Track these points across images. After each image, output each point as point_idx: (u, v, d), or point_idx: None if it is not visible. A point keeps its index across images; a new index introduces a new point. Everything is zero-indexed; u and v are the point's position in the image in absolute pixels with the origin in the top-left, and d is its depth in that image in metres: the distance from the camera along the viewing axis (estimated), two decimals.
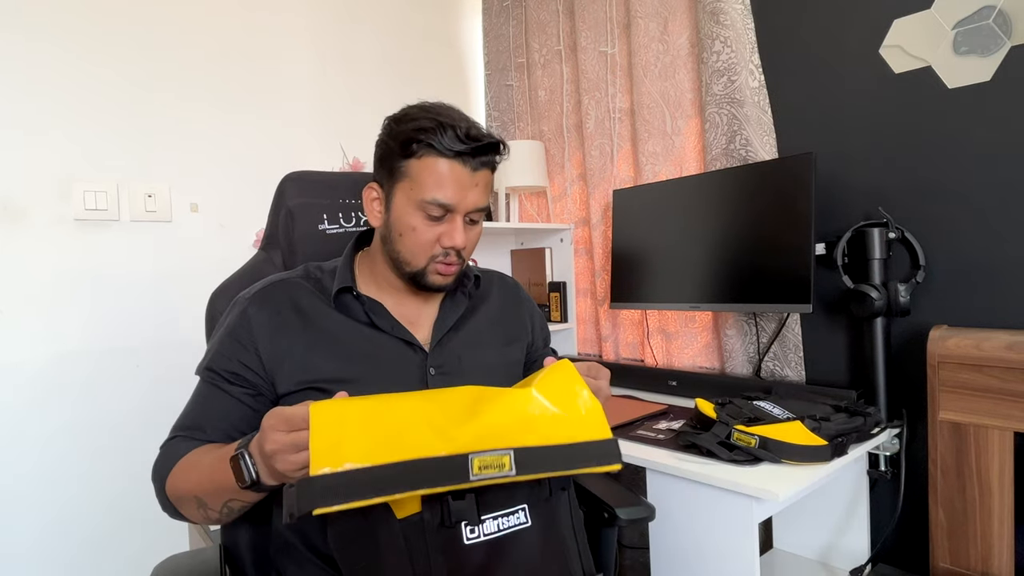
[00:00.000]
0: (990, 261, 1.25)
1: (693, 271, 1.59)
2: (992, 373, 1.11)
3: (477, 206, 0.83)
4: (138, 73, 1.59)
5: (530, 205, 2.30)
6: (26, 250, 1.44)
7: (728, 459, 1.09)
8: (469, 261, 0.96)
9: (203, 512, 0.74)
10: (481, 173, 0.82)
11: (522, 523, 0.69)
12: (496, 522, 0.68)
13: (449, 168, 0.79)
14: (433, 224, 0.82)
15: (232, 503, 0.72)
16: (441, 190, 0.79)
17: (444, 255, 0.83)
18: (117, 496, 1.54)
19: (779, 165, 1.43)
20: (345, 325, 0.85)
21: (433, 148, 0.79)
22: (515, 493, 0.70)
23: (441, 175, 0.79)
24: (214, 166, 1.72)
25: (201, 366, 0.84)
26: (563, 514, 0.74)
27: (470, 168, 0.81)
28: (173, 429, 0.83)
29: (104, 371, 1.54)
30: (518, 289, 1.05)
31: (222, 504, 0.72)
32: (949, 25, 1.28)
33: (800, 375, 1.52)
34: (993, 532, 1.12)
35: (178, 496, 0.76)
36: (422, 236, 0.82)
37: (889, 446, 1.32)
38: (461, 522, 0.67)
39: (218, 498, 0.72)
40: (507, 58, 2.29)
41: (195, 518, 0.77)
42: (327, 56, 1.96)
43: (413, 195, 0.81)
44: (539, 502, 0.71)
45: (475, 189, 0.82)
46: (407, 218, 0.82)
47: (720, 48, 1.59)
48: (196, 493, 0.74)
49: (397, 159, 0.82)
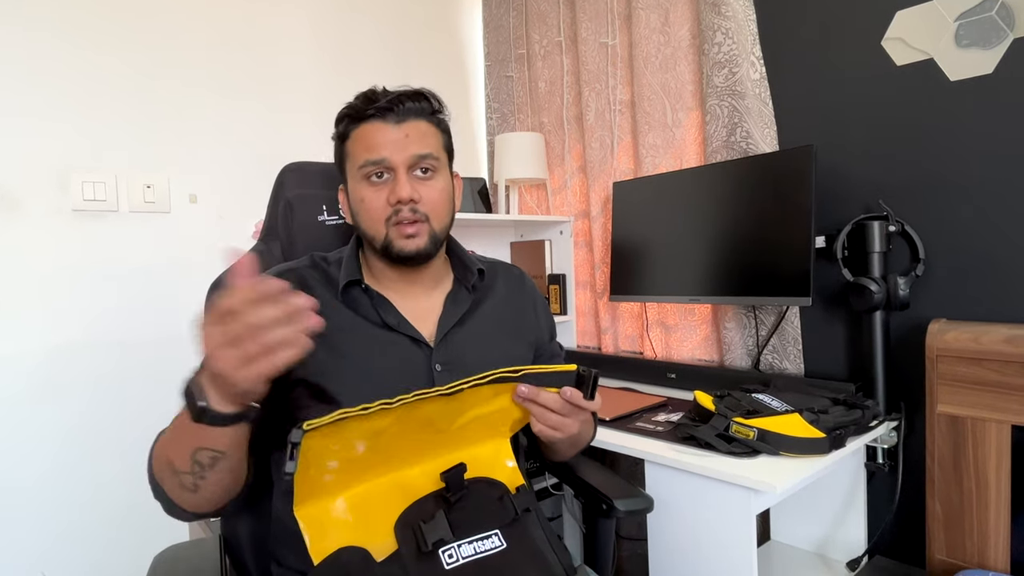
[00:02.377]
0: (990, 255, 1.25)
1: (693, 264, 1.59)
2: (990, 367, 1.11)
3: (416, 154, 0.83)
4: (137, 63, 1.58)
5: (530, 197, 2.29)
6: (23, 241, 1.44)
7: (726, 451, 1.09)
8: (467, 252, 0.96)
9: (177, 479, 0.68)
10: (409, 124, 0.84)
11: (497, 546, 0.69)
12: (472, 546, 0.68)
13: (372, 127, 0.83)
14: (379, 188, 0.84)
15: (199, 454, 0.65)
16: (369, 150, 0.83)
17: (396, 213, 0.83)
18: (117, 487, 1.54)
19: (780, 157, 1.42)
20: (352, 319, 0.85)
21: (352, 119, 0.85)
22: (483, 520, 0.70)
23: (367, 136, 0.84)
24: (213, 157, 1.71)
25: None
26: (534, 530, 0.74)
27: (392, 122, 0.83)
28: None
29: (102, 363, 1.54)
30: (523, 279, 1.04)
31: (191, 460, 0.66)
32: (951, 17, 1.27)
33: (799, 368, 1.52)
34: (989, 525, 1.12)
35: (159, 471, 0.71)
36: (372, 203, 0.84)
37: (887, 439, 1.33)
38: (439, 548, 0.66)
39: (184, 453, 0.66)
40: (507, 49, 2.28)
41: (175, 495, 0.70)
42: (327, 47, 1.95)
43: (354, 169, 0.85)
44: (508, 524, 0.71)
45: (405, 140, 0.83)
46: (357, 191, 0.85)
47: (721, 39, 1.58)
48: (168, 456, 0.68)
49: (340, 148, 0.88)
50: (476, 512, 0.71)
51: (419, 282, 0.91)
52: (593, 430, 1.00)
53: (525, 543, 0.71)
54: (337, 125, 0.87)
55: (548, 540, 0.73)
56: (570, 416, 0.76)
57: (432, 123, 0.87)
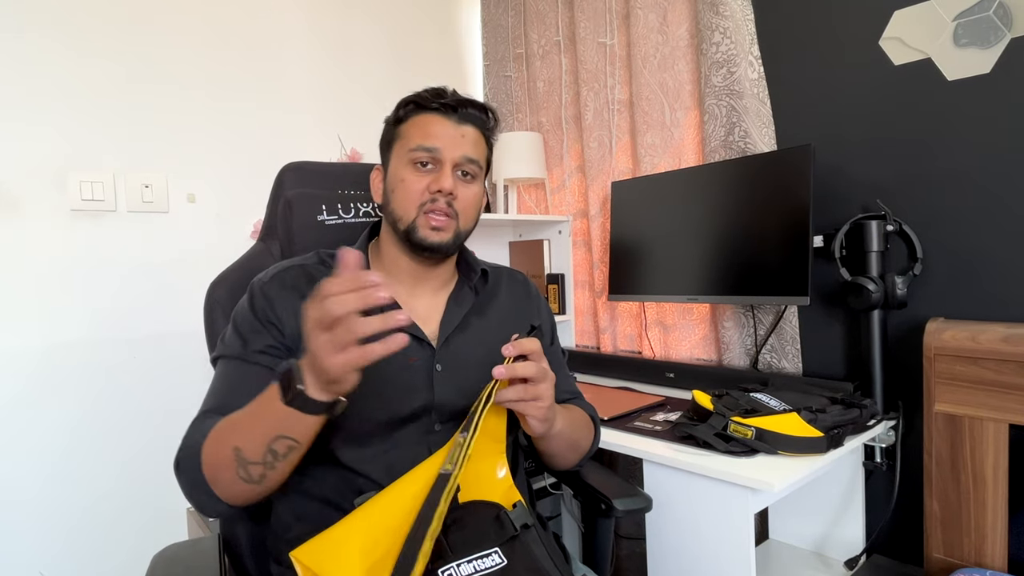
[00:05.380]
0: (987, 254, 1.25)
1: (691, 263, 1.59)
2: (988, 365, 1.11)
3: (466, 156, 0.86)
4: (135, 63, 1.58)
5: (528, 197, 2.29)
6: (22, 240, 1.44)
7: (725, 450, 1.09)
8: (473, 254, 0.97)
9: (243, 470, 0.68)
10: (467, 127, 0.87)
11: (497, 564, 0.68)
12: (472, 565, 0.67)
13: (433, 119, 0.86)
14: (422, 174, 0.85)
15: (277, 443, 0.66)
16: (426, 138, 0.85)
17: (432, 201, 0.84)
18: (116, 486, 1.54)
19: (778, 157, 1.43)
20: None
21: (418, 106, 0.87)
22: (482, 538, 0.70)
23: (426, 125, 0.86)
24: (212, 157, 1.71)
25: (224, 352, 0.82)
26: (535, 546, 0.72)
27: (454, 120, 0.86)
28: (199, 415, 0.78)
29: (101, 362, 1.53)
30: (527, 285, 1.05)
31: (266, 448, 0.67)
32: (949, 17, 1.27)
33: (797, 367, 1.52)
34: (987, 523, 1.13)
35: (215, 461, 0.70)
36: (412, 185, 0.85)
37: (885, 438, 1.33)
38: (437, 568, 0.65)
39: (260, 442, 0.67)
40: (505, 49, 2.28)
41: (229, 487, 0.70)
42: (325, 46, 1.95)
43: (403, 151, 0.86)
44: (507, 542, 0.70)
45: (462, 140, 0.86)
46: (399, 172, 0.86)
47: (719, 39, 1.58)
48: (236, 444, 0.68)
49: (391, 130, 0.90)
50: (473, 531, 0.70)
51: (427, 281, 0.91)
52: (594, 436, 0.99)
53: (526, 560, 0.70)
54: (398, 109, 0.89)
55: (550, 555, 0.72)
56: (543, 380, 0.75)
57: (484, 135, 0.91)
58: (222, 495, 0.72)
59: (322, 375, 0.62)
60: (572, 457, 0.95)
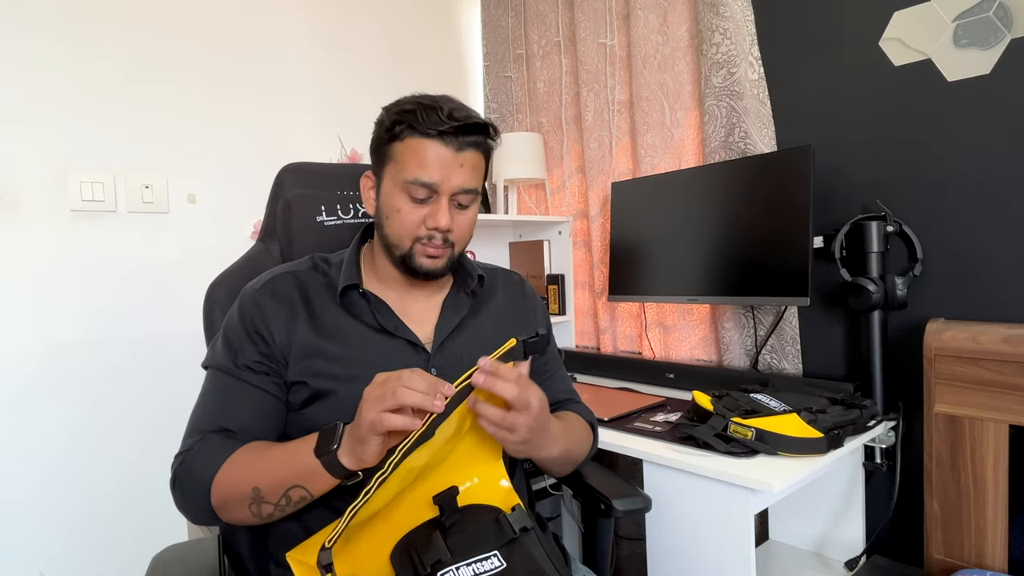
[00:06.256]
0: (987, 255, 1.25)
1: (691, 264, 1.59)
2: (988, 366, 1.11)
3: (463, 187, 0.82)
4: (136, 63, 1.58)
5: (528, 197, 2.29)
6: (22, 241, 1.44)
7: (725, 451, 1.09)
8: (468, 254, 0.96)
9: (256, 507, 0.72)
10: (467, 154, 0.82)
11: (497, 567, 0.68)
12: (471, 568, 0.67)
13: (431, 148, 0.80)
14: (418, 206, 0.82)
15: (293, 491, 0.71)
16: (423, 170, 0.80)
17: (428, 238, 0.83)
18: (116, 486, 1.54)
19: (778, 158, 1.43)
20: (349, 323, 0.84)
21: (415, 129, 0.80)
22: (481, 542, 0.70)
23: (423, 155, 0.80)
24: (212, 157, 1.71)
25: (214, 361, 0.82)
26: (534, 549, 0.72)
27: (453, 148, 0.80)
28: (193, 430, 0.79)
29: (101, 362, 1.53)
30: (523, 287, 1.04)
31: (282, 494, 0.71)
32: (949, 17, 1.27)
33: (797, 368, 1.52)
34: (987, 524, 1.13)
35: (230, 493, 0.73)
36: (407, 217, 0.82)
37: (885, 438, 1.33)
38: (437, 571, 0.65)
39: (280, 485, 0.71)
40: (506, 49, 2.28)
41: (237, 514, 0.74)
42: (326, 47, 1.95)
43: (398, 177, 0.82)
44: (507, 544, 0.70)
45: (460, 170, 0.81)
46: (393, 200, 0.83)
47: (720, 40, 1.58)
48: (256, 484, 0.72)
49: (384, 143, 0.83)
50: (473, 534, 0.70)
51: (422, 287, 0.91)
52: (592, 443, 0.97)
53: (526, 562, 0.70)
54: (393, 126, 0.81)
55: (549, 557, 0.72)
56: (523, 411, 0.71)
57: (483, 154, 0.86)
58: (223, 517, 0.75)
59: (355, 430, 0.66)
60: (567, 468, 0.94)
